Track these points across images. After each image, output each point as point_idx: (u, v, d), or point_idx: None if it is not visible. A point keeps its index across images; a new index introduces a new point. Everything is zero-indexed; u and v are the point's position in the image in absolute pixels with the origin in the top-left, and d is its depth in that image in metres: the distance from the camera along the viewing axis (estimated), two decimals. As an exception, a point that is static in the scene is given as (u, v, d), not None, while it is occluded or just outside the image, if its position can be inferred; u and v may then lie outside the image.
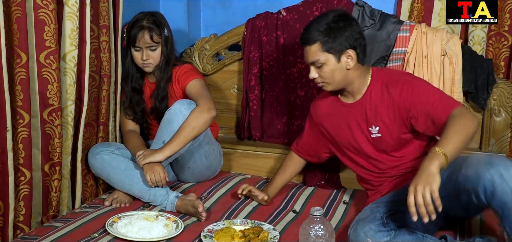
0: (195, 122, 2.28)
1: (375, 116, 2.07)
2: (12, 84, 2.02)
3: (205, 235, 1.97)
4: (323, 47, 2.00)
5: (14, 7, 1.98)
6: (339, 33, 1.99)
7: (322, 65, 2.02)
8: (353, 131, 2.14)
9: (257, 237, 1.96)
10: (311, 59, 2.04)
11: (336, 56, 2.01)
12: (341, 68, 2.03)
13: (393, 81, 2.04)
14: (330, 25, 2.00)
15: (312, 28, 2.02)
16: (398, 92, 2.01)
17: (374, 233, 1.82)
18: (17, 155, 2.08)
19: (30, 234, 2.06)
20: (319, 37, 2.00)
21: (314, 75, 2.06)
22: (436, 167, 1.66)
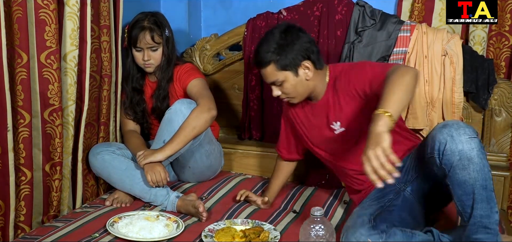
0: (196, 122, 2.28)
1: (336, 111, 2.08)
2: (13, 84, 2.02)
3: (206, 235, 1.97)
4: (278, 66, 2.01)
5: (15, 7, 1.98)
6: (289, 48, 2.00)
7: (282, 83, 2.04)
8: (321, 130, 2.15)
9: (257, 237, 1.96)
10: (270, 79, 2.06)
11: (293, 71, 2.02)
12: (301, 81, 2.05)
13: (340, 73, 2.07)
14: (278, 42, 2.00)
15: (262, 50, 2.03)
16: (345, 80, 2.03)
17: (366, 238, 1.79)
18: (18, 155, 2.08)
19: (31, 234, 2.06)
20: (271, 57, 2.01)
21: (278, 93, 2.08)
22: (382, 126, 1.61)
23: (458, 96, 2.47)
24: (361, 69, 2.00)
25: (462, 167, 1.69)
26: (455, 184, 1.72)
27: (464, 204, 1.72)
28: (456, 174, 1.70)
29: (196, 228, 2.09)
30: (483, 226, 1.70)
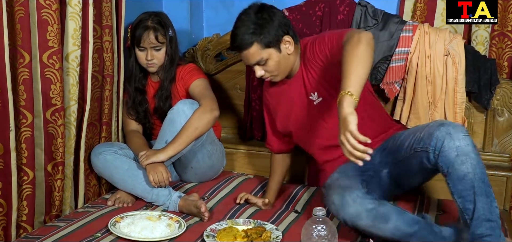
0: (198, 122, 2.28)
1: (311, 83, 2.13)
2: (15, 84, 2.02)
3: (208, 235, 1.97)
4: (262, 44, 2.03)
5: (17, 7, 1.98)
6: (269, 25, 2.03)
7: (266, 61, 2.06)
8: (302, 103, 2.18)
9: (259, 237, 1.96)
10: (254, 60, 2.07)
11: (276, 47, 2.06)
12: (284, 56, 2.08)
13: (305, 46, 2.11)
14: (257, 22, 2.03)
15: (242, 32, 2.04)
16: (312, 52, 2.08)
17: (361, 200, 1.84)
18: (20, 155, 2.08)
19: (33, 233, 2.06)
20: (254, 38, 2.03)
21: (261, 72, 2.10)
22: (346, 108, 1.64)
23: (461, 96, 2.47)
24: (321, 39, 2.05)
25: (460, 162, 1.76)
26: (456, 180, 1.77)
27: (464, 200, 1.76)
28: (456, 170, 1.76)
29: (198, 228, 2.09)
30: (486, 219, 1.74)
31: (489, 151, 2.56)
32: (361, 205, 1.84)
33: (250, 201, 2.33)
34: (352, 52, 1.76)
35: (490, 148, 2.56)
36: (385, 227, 1.84)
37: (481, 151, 2.57)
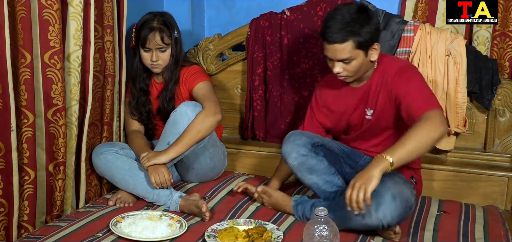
0: (201, 125, 2.28)
1: (373, 100, 2.13)
2: (16, 84, 2.02)
3: (209, 235, 1.97)
4: (356, 44, 2.00)
5: (18, 7, 1.98)
6: (367, 27, 2.00)
7: (351, 61, 2.03)
8: (356, 110, 2.21)
9: (260, 237, 1.96)
10: (341, 56, 2.02)
11: (365, 51, 2.03)
12: (367, 61, 2.07)
13: (392, 68, 2.09)
14: (357, 20, 1.99)
15: (339, 25, 1.99)
16: (392, 78, 2.06)
17: (298, 144, 2.17)
18: (21, 155, 2.08)
19: (34, 233, 2.06)
20: (350, 35, 1.98)
21: (340, 70, 2.06)
22: (378, 171, 1.79)
23: (462, 97, 2.47)
24: (408, 83, 2.02)
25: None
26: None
27: None
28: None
29: (199, 228, 2.09)
30: None
31: (490, 151, 2.56)
32: (295, 147, 2.17)
33: (248, 191, 2.35)
34: (422, 133, 1.85)
35: (492, 148, 2.56)
36: (307, 177, 2.18)
37: (482, 151, 2.57)
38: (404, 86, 2.02)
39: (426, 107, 1.93)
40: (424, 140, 1.85)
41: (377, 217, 1.92)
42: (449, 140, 2.56)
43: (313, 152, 2.19)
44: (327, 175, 2.17)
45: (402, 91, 2.02)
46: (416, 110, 1.94)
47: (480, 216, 2.24)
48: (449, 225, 2.15)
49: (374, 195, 1.91)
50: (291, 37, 2.74)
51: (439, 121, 1.88)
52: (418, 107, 1.94)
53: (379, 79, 2.11)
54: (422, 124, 1.86)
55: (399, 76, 2.06)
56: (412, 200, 2.06)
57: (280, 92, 2.81)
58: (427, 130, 1.85)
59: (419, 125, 1.86)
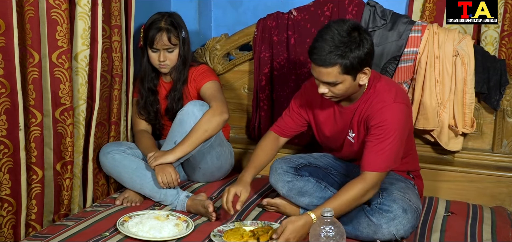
0: (208, 125, 2.28)
1: (357, 123, 2.10)
2: (24, 84, 2.03)
3: (215, 235, 1.97)
4: (343, 70, 1.90)
5: (27, 7, 1.99)
6: (357, 51, 1.89)
7: (336, 84, 1.95)
8: (340, 133, 2.19)
9: (266, 234, 1.96)
10: (326, 79, 1.94)
11: (353, 76, 1.94)
12: (355, 85, 1.98)
13: (380, 100, 2.02)
14: (348, 43, 1.88)
15: (328, 47, 1.89)
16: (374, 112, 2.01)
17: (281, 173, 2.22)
18: (29, 154, 2.09)
19: (41, 232, 2.07)
20: (337, 60, 1.88)
21: (325, 91, 1.99)
22: (303, 228, 1.91)
23: (470, 97, 2.46)
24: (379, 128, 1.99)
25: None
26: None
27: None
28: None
29: (206, 228, 2.09)
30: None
31: (498, 152, 2.54)
32: (279, 176, 2.21)
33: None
34: (349, 199, 1.97)
35: (499, 149, 2.54)
36: (300, 200, 2.19)
37: (490, 152, 2.56)
38: (375, 129, 1.99)
39: (372, 166, 1.97)
40: (351, 205, 1.98)
41: (389, 231, 1.94)
42: (457, 141, 2.55)
43: (297, 175, 2.22)
44: (319, 192, 2.17)
45: (372, 131, 2.00)
46: (364, 162, 1.99)
47: (488, 217, 2.23)
48: (456, 226, 2.14)
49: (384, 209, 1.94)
50: (298, 37, 2.74)
51: (371, 187, 1.97)
52: (368, 160, 1.98)
53: (365, 106, 2.05)
54: (355, 189, 1.96)
55: (379, 114, 1.99)
56: (419, 204, 2.08)
57: (286, 92, 2.81)
58: (356, 198, 1.96)
59: (351, 189, 1.97)
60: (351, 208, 1.98)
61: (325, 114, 2.21)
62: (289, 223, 1.91)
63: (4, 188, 2.01)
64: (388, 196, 1.99)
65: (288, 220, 1.93)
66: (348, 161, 2.32)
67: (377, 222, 1.94)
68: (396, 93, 2.04)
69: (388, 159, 1.97)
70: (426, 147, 2.62)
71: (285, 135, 2.35)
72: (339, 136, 2.20)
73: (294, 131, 2.35)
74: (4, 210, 2.03)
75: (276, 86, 2.81)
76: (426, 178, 2.35)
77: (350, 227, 1.99)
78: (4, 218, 2.03)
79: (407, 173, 2.21)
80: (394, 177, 2.15)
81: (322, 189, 2.18)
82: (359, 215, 2.00)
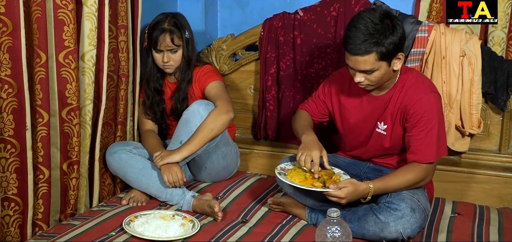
0: (213, 124, 2.28)
1: (389, 114, 2.10)
2: (31, 84, 2.04)
3: (280, 172, 2.03)
4: (379, 56, 1.92)
5: (34, 7, 2.00)
6: (391, 37, 1.92)
7: (373, 72, 1.97)
8: (367, 122, 2.18)
9: (330, 179, 2.00)
10: (363, 68, 1.95)
11: (389, 61, 1.96)
12: (390, 71, 2.00)
13: (415, 92, 2.04)
14: (381, 30, 1.91)
15: (362, 36, 1.91)
16: (411, 104, 2.03)
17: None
18: (36, 154, 2.10)
19: (48, 231, 2.08)
20: (374, 47, 1.91)
21: (361, 79, 2.00)
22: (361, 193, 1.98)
23: (477, 97, 2.45)
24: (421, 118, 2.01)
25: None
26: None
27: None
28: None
29: (212, 228, 2.09)
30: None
31: (505, 153, 2.53)
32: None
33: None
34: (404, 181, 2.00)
35: (507, 149, 2.53)
36: (305, 199, 2.16)
37: (497, 153, 2.55)
38: (417, 120, 2.01)
39: (426, 157, 2.01)
40: (407, 187, 2.01)
41: (396, 229, 1.94)
42: (464, 142, 2.53)
43: None
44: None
45: (413, 122, 2.02)
46: (417, 152, 2.02)
47: (495, 218, 2.23)
48: (463, 227, 2.13)
49: (392, 207, 1.93)
50: (304, 37, 2.74)
51: (428, 176, 2.04)
52: (421, 152, 2.01)
53: (400, 97, 2.06)
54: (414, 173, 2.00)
55: (419, 105, 2.01)
56: (428, 206, 2.07)
57: (293, 92, 2.81)
58: (415, 182, 2.01)
59: (410, 173, 2.01)
60: (404, 189, 2.01)
61: (352, 103, 2.21)
62: (351, 184, 1.96)
63: (11, 187, 2.02)
64: (397, 195, 1.99)
65: (351, 180, 1.98)
66: (365, 160, 2.29)
67: (384, 220, 1.94)
68: (430, 82, 2.16)
69: (436, 147, 2.01)
70: (432, 147, 2.61)
71: (312, 115, 2.36)
72: (366, 125, 2.18)
73: (317, 117, 2.36)
74: (11, 210, 2.04)
75: (282, 86, 2.81)
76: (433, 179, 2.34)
77: (357, 225, 1.99)
78: (11, 217, 2.04)
79: None
80: None
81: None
82: (367, 213, 2.00)
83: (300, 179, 2.02)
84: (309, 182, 2.01)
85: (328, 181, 1.98)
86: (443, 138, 2.07)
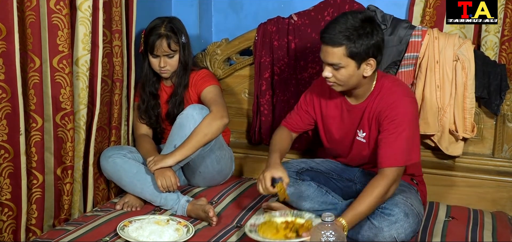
0: (208, 129, 2.28)
1: (367, 122, 2.11)
2: (25, 88, 2.03)
3: (250, 230, 1.94)
4: (347, 52, 1.94)
5: (28, 12, 2.00)
6: (365, 40, 1.94)
7: (340, 68, 1.98)
8: (348, 131, 2.19)
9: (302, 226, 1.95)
10: (331, 60, 1.97)
11: (358, 63, 1.97)
12: (358, 74, 2.00)
13: (390, 96, 2.04)
14: (358, 30, 1.93)
15: (338, 28, 1.94)
16: (385, 108, 2.03)
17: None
18: (30, 159, 2.10)
19: (42, 237, 2.07)
20: (344, 41, 1.93)
21: (329, 74, 2.02)
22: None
23: (470, 102, 2.46)
24: (393, 122, 2.00)
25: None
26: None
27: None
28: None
29: (206, 232, 2.09)
30: None
31: (499, 157, 2.54)
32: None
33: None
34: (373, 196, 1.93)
35: (500, 154, 2.54)
36: (302, 205, 2.19)
37: (491, 157, 2.56)
38: (388, 123, 2.00)
39: (391, 161, 1.97)
40: (378, 203, 1.95)
41: (390, 235, 1.94)
42: (457, 146, 2.54)
43: (299, 179, 2.25)
44: (320, 197, 2.19)
45: (385, 126, 2.01)
46: (381, 158, 1.99)
47: (489, 222, 2.23)
48: (457, 231, 2.14)
49: (386, 213, 1.94)
50: (299, 42, 2.74)
51: (393, 182, 1.96)
52: (386, 155, 1.98)
53: (376, 103, 2.07)
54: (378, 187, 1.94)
55: (391, 109, 2.01)
56: (421, 209, 2.08)
57: (287, 96, 2.81)
58: (382, 195, 1.94)
59: (375, 188, 1.94)
60: (376, 207, 1.96)
61: (333, 112, 2.22)
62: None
63: (4, 192, 2.01)
64: (390, 199, 2.00)
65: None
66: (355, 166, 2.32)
67: (378, 225, 1.94)
68: (405, 87, 2.14)
69: (405, 152, 1.98)
70: (426, 152, 2.62)
71: (294, 130, 2.36)
72: (348, 136, 2.20)
73: (301, 128, 2.36)
74: (5, 215, 2.03)
75: (276, 90, 2.82)
76: (426, 183, 2.34)
77: (351, 230, 1.98)
78: (5, 222, 2.03)
79: (411, 179, 2.21)
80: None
81: (324, 194, 2.19)
82: None
83: (272, 232, 1.94)
84: (281, 234, 1.93)
85: (300, 229, 1.93)
86: (415, 143, 2.03)
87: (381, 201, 1.96)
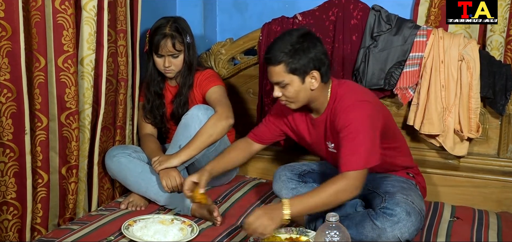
0: (213, 129, 2.28)
1: (331, 133, 2.10)
2: (30, 88, 2.04)
3: None
4: (288, 68, 1.97)
5: (33, 12, 2.00)
6: (303, 54, 1.97)
7: (286, 86, 2.01)
8: (320, 144, 2.19)
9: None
10: (275, 79, 2.01)
11: (301, 77, 1.99)
12: (305, 89, 2.02)
13: (342, 103, 2.02)
14: (294, 46, 1.97)
15: (276, 48, 1.99)
16: (339, 115, 2.01)
17: (285, 180, 2.29)
18: (35, 158, 2.10)
19: (47, 236, 2.08)
20: (283, 58, 1.97)
21: (278, 94, 2.05)
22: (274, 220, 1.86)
23: (475, 102, 2.45)
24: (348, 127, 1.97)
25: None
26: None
27: None
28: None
29: (211, 232, 2.09)
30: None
31: (504, 157, 2.53)
32: (283, 183, 2.28)
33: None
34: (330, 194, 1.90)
35: (505, 153, 2.53)
36: None
37: (496, 157, 2.55)
38: (343, 129, 1.98)
39: (350, 165, 1.92)
40: (331, 201, 1.91)
41: (394, 235, 1.94)
42: (462, 146, 2.54)
43: (301, 181, 2.28)
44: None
45: (342, 133, 1.99)
46: (341, 162, 1.94)
47: (494, 222, 2.23)
48: (462, 231, 2.13)
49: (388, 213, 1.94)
50: (303, 42, 2.74)
51: (353, 186, 1.91)
52: (344, 161, 1.94)
53: (332, 112, 2.07)
54: (335, 184, 1.91)
55: (345, 115, 1.99)
56: (423, 206, 2.07)
57: (291, 96, 2.81)
58: (337, 193, 1.90)
59: (332, 185, 1.91)
60: (330, 205, 1.91)
61: (301, 126, 2.23)
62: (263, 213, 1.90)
63: (9, 191, 2.02)
64: (391, 199, 1.99)
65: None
66: None
67: (381, 226, 1.94)
68: (358, 92, 2.09)
69: (363, 156, 1.94)
70: (431, 152, 2.61)
71: (260, 142, 2.35)
72: (320, 147, 2.21)
73: (269, 140, 2.35)
74: (10, 214, 2.04)
75: (281, 91, 2.81)
76: (431, 183, 2.34)
77: (354, 231, 1.98)
78: (10, 221, 2.04)
79: (406, 173, 2.21)
80: (396, 179, 2.15)
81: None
82: (364, 219, 2.00)
83: None
84: None
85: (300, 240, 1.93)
86: (374, 146, 1.98)
87: (334, 200, 1.91)
